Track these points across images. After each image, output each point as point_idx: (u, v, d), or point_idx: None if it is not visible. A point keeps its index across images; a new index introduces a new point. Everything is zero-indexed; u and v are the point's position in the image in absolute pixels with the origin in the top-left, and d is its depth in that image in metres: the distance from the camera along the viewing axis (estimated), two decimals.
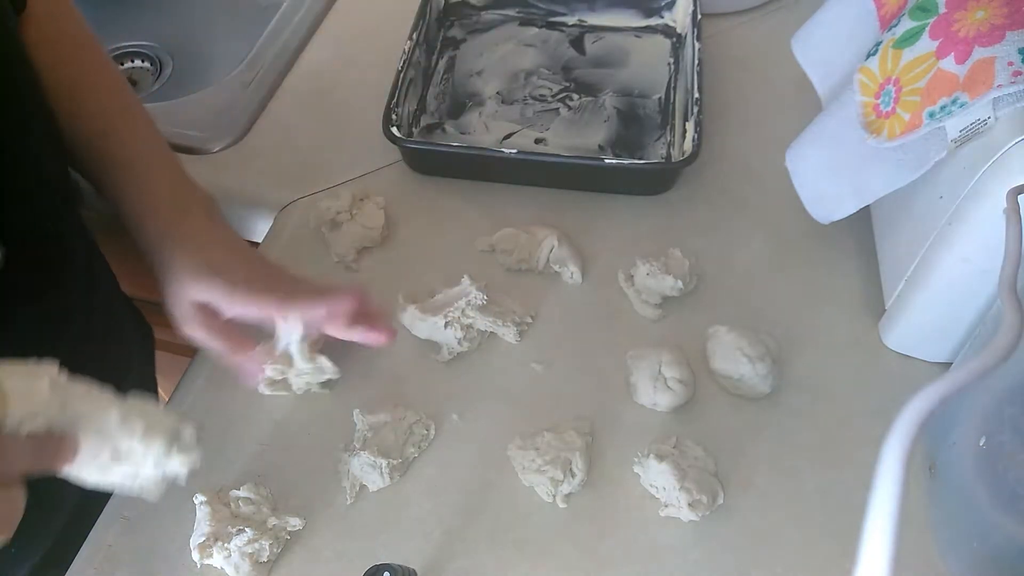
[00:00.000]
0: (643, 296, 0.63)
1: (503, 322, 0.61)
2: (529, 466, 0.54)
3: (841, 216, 0.60)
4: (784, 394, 0.59)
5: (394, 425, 0.56)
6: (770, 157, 0.68)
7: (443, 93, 0.78)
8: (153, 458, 0.42)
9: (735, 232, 0.68)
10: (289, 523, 0.53)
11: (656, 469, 0.53)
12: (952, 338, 0.57)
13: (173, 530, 0.54)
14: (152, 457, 0.42)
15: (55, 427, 0.38)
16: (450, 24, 0.84)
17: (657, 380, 0.57)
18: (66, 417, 0.39)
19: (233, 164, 0.74)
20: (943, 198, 0.52)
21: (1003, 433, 0.46)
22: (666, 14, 0.82)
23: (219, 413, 0.59)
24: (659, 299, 0.63)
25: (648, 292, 0.63)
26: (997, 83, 0.46)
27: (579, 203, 0.70)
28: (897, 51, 0.53)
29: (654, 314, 0.63)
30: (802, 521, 0.53)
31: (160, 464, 0.42)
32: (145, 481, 0.42)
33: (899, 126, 0.52)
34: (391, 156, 0.73)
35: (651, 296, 0.63)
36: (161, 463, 0.42)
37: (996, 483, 0.46)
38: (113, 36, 1.00)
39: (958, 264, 0.52)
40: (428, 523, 0.54)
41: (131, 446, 0.41)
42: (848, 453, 0.56)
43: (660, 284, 0.62)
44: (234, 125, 0.77)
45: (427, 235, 0.69)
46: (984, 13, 0.48)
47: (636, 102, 0.76)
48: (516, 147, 0.71)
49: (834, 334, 0.62)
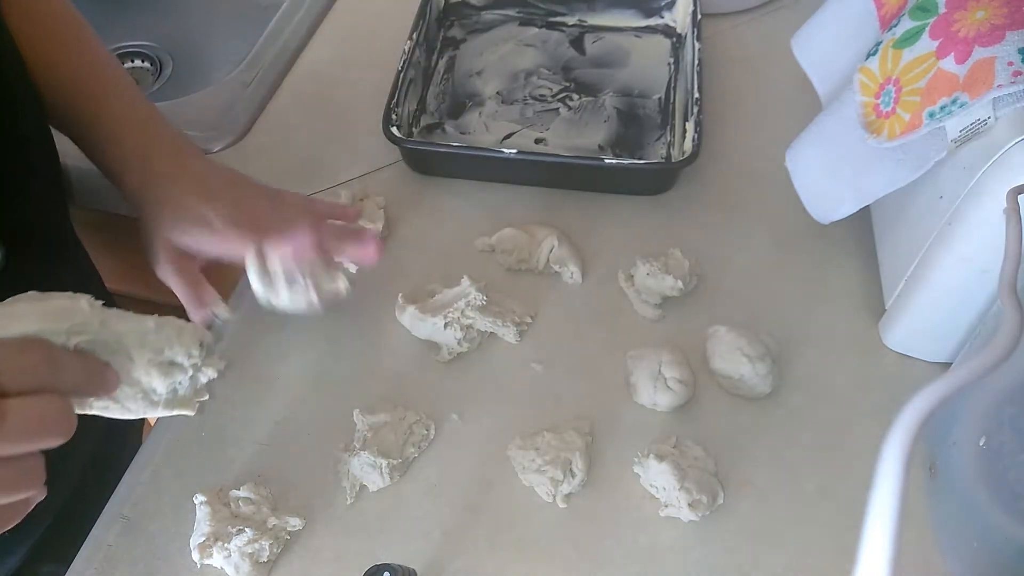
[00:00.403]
0: (643, 296, 0.63)
1: (503, 322, 0.61)
2: (529, 466, 0.54)
3: (841, 216, 0.60)
4: (784, 394, 0.59)
5: (394, 425, 0.56)
6: (770, 157, 0.68)
7: (443, 93, 0.78)
8: (191, 363, 0.43)
9: (735, 232, 0.68)
10: (289, 523, 0.53)
11: (656, 469, 0.53)
12: (952, 338, 0.57)
13: (173, 530, 0.54)
14: (190, 361, 0.43)
15: (99, 352, 0.40)
16: (450, 24, 0.84)
17: (657, 380, 0.57)
18: (107, 334, 0.40)
19: (233, 164, 0.73)
20: (943, 198, 0.52)
21: (1003, 433, 0.46)
22: (666, 14, 0.82)
23: (219, 413, 0.59)
24: (659, 299, 0.63)
25: (648, 292, 0.63)
26: (997, 83, 0.46)
27: (579, 203, 0.70)
28: (897, 51, 0.53)
29: (654, 314, 0.63)
30: (802, 521, 0.53)
31: (196, 371, 0.44)
32: (183, 394, 0.44)
33: (899, 126, 0.52)
34: (391, 156, 0.73)
35: (651, 296, 0.63)
36: (197, 369, 0.44)
37: (996, 483, 0.46)
38: (113, 36, 1.00)
39: (958, 264, 0.52)
40: (428, 523, 0.54)
41: (171, 354, 0.42)
42: (848, 453, 0.56)
43: (660, 284, 0.62)
44: (234, 125, 0.77)
45: (427, 235, 0.69)
46: (984, 13, 0.48)
47: (636, 102, 0.76)
48: (516, 147, 0.71)
49: (834, 334, 0.62)
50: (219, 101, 0.79)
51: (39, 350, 0.36)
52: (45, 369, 0.35)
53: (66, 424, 0.36)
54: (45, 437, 0.35)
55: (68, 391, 0.37)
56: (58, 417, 0.35)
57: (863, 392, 0.59)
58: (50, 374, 0.36)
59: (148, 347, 0.41)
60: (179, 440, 0.58)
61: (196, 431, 0.58)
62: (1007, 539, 0.46)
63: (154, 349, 0.42)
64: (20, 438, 0.34)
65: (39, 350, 0.36)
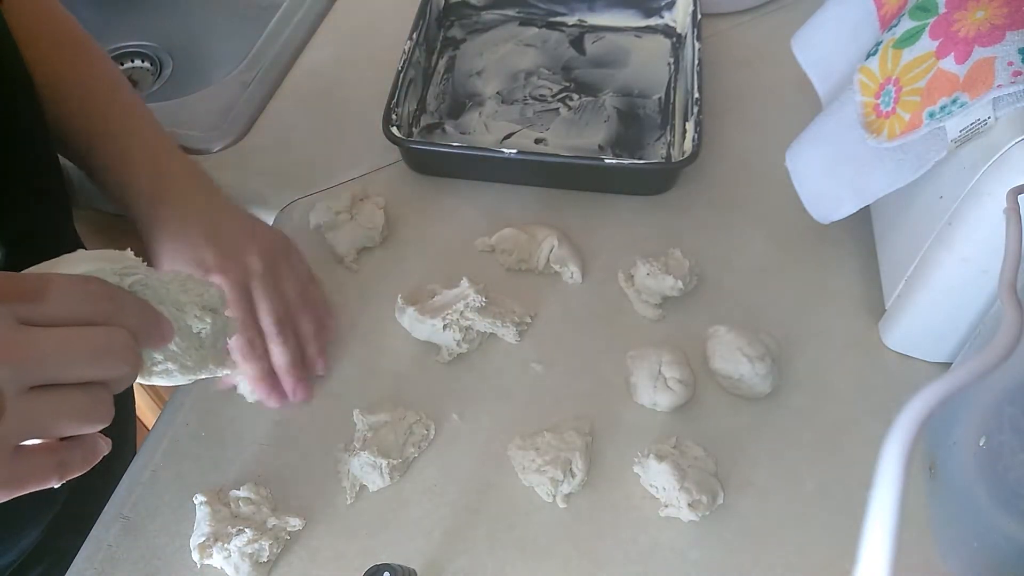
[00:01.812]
0: (643, 296, 0.63)
1: (503, 323, 0.61)
2: (529, 466, 0.54)
3: (841, 216, 0.60)
4: (784, 394, 0.59)
5: (394, 425, 0.56)
6: (770, 157, 0.68)
7: (443, 93, 0.78)
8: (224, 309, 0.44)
9: (735, 232, 0.68)
10: (289, 523, 0.53)
11: (656, 469, 0.53)
12: (952, 338, 0.57)
13: (173, 530, 0.54)
14: (223, 307, 0.44)
15: (149, 299, 0.40)
16: (450, 24, 0.84)
17: (657, 380, 0.57)
18: (154, 280, 0.40)
19: (233, 164, 0.74)
20: (943, 198, 0.52)
21: (1003, 433, 0.46)
22: (666, 14, 0.82)
23: (219, 413, 0.59)
24: (659, 299, 0.63)
25: (648, 292, 0.63)
26: (997, 83, 0.46)
27: (579, 203, 0.70)
28: (897, 51, 0.53)
29: (654, 314, 0.63)
30: (802, 521, 0.53)
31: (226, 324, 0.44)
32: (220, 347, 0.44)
33: (899, 126, 0.52)
34: (391, 156, 0.73)
35: (651, 296, 0.63)
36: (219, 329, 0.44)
37: (996, 483, 0.46)
38: (113, 36, 1.00)
39: (958, 264, 0.52)
40: (428, 523, 0.54)
41: (209, 298, 0.42)
42: (848, 453, 0.56)
43: (660, 284, 0.62)
44: (234, 125, 0.77)
45: (427, 235, 0.69)
46: (984, 13, 0.48)
47: (636, 102, 0.76)
48: (516, 147, 0.71)
49: (834, 334, 0.62)
50: (219, 101, 0.79)
51: (100, 283, 0.36)
52: (107, 303, 0.35)
53: (132, 358, 0.35)
54: (113, 365, 0.34)
55: (131, 326, 0.37)
56: (125, 348, 0.35)
57: (863, 392, 0.59)
58: (113, 307, 0.36)
59: (191, 293, 0.42)
60: (179, 440, 0.58)
61: (196, 431, 0.58)
62: (1007, 539, 0.46)
63: (196, 294, 0.42)
64: (90, 360, 0.34)
65: (100, 283, 0.36)
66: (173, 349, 0.41)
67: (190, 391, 0.60)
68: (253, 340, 0.55)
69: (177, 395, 0.60)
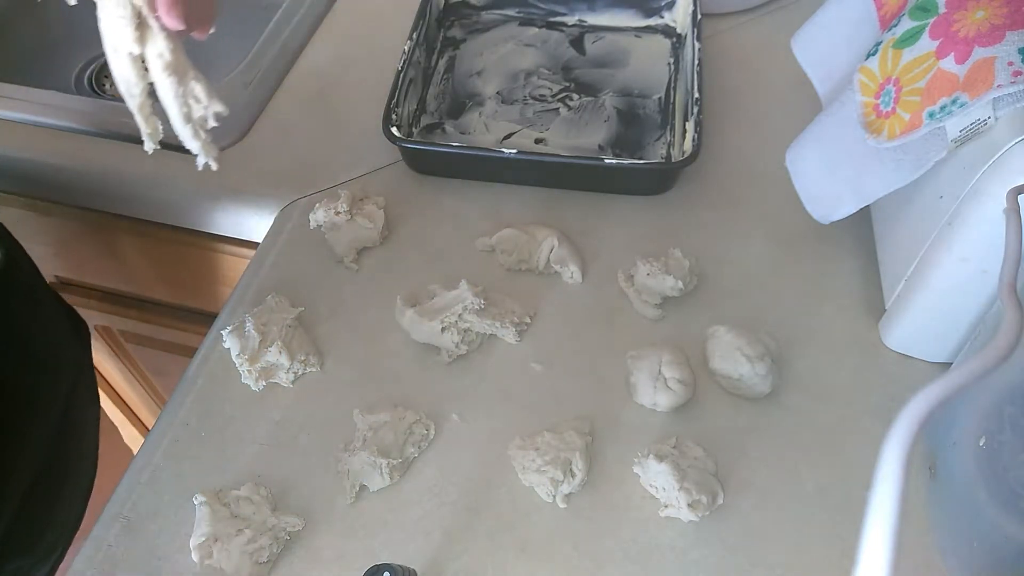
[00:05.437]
0: (643, 296, 0.63)
1: (502, 323, 0.61)
2: (529, 466, 0.54)
3: (841, 216, 0.60)
4: (784, 394, 0.59)
5: (394, 425, 0.56)
6: (770, 157, 0.68)
7: (443, 93, 0.78)
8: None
9: (735, 232, 0.68)
10: (289, 523, 0.53)
11: (656, 469, 0.53)
12: (952, 338, 0.57)
13: (173, 530, 0.54)
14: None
15: None
16: (450, 24, 0.84)
17: (657, 380, 0.57)
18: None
19: (233, 164, 0.74)
20: (943, 198, 0.52)
21: (1003, 433, 0.46)
22: (666, 14, 0.82)
23: (218, 413, 0.59)
24: (659, 299, 0.63)
25: (648, 292, 0.63)
26: (997, 83, 0.46)
27: (579, 203, 0.70)
28: (897, 51, 0.53)
29: (654, 314, 0.63)
30: (802, 521, 0.53)
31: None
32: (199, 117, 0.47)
33: (899, 126, 0.52)
34: (391, 156, 0.73)
35: (651, 296, 0.63)
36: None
37: (996, 483, 0.46)
38: None
39: (958, 264, 0.52)
40: (428, 523, 0.54)
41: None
42: (848, 453, 0.56)
43: (660, 284, 0.62)
44: (234, 125, 0.77)
45: (427, 235, 0.69)
46: (984, 13, 0.48)
47: (636, 102, 0.76)
48: (516, 147, 0.71)
49: (834, 334, 0.62)
50: None
51: None
52: None
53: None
54: None
55: None
56: None
57: (863, 392, 0.59)
58: None
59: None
60: (179, 440, 0.58)
61: (196, 431, 0.58)
62: (1006, 539, 0.46)
63: None
64: None
65: None
66: None
67: (191, 391, 0.60)
68: None
69: (177, 395, 0.60)
